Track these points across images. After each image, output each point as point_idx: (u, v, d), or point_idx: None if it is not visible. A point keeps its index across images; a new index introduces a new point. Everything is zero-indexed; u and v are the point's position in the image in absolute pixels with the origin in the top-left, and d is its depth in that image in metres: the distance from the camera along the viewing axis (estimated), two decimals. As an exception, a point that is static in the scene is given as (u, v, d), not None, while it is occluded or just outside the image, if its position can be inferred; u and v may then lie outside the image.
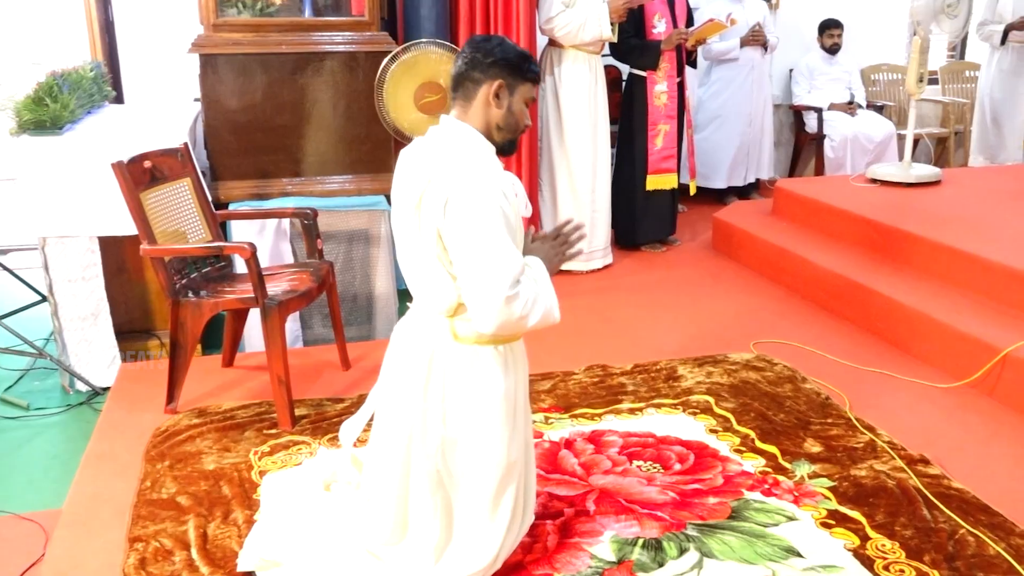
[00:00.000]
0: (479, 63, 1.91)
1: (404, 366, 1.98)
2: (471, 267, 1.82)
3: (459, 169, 1.82)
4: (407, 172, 1.93)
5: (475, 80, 1.92)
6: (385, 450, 1.98)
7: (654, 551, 2.19)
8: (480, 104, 1.92)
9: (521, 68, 1.93)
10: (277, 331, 2.87)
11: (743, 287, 4.43)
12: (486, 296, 1.82)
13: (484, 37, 1.95)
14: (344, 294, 3.81)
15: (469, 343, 1.94)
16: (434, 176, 1.84)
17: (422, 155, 1.91)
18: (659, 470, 2.61)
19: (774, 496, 2.46)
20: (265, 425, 2.91)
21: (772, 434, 2.82)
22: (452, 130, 1.92)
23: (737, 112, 5.83)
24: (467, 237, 1.80)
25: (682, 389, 3.17)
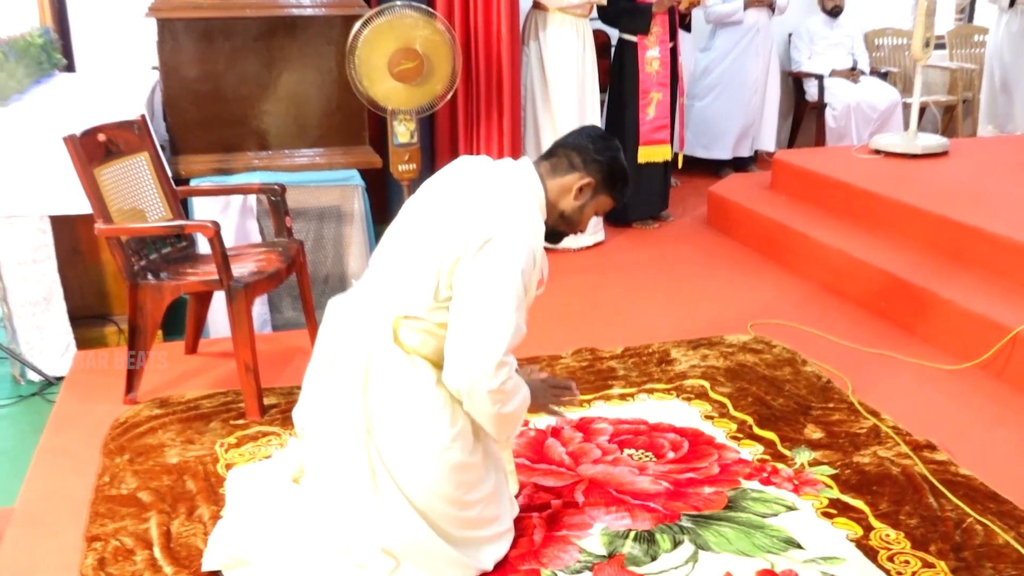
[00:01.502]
0: (587, 153, 2.04)
1: (340, 361, 2.00)
2: (477, 316, 1.86)
3: (515, 220, 1.91)
4: (466, 178, 2.00)
5: (573, 163, 2.04)
6: (329, 451, 1.99)
7: (646, 544, 2.20)
8: (563, 185, 2.04)
9: (616, 184, 2.07)
10: (244, 315, 2.85)
11: (739, 265, 4.44)
12: (477, 351, 1.86)
13: (605, 135, 2.07)
14: (315, 275, 3.79)
15: (406, 351, 1.98)
16: (491, 209, 1.91)
17: (491, 176, 1.98)
18: (651, 459, 2.61)
19: (773, 485, 2.47)
20: (232, 415, 2.90)
21: (771, 420, 2.83)
22: (528, 182, 2.01)
23: (741, 79, 5.81)
24: (488, 286, 1.86)
25: (676, 373, 3.18)
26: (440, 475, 1.95)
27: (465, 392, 1.91)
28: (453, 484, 1.97)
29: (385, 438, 1.96)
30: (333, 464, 1.98)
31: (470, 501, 2.03)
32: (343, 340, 2.03)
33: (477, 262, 1.87)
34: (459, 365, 1.89)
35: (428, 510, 1.98)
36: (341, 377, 1.99)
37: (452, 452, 1.95)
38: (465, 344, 1.89)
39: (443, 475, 1.95)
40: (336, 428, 1.98)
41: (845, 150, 5.15)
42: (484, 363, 1.87)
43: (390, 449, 1.95)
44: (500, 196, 1.95)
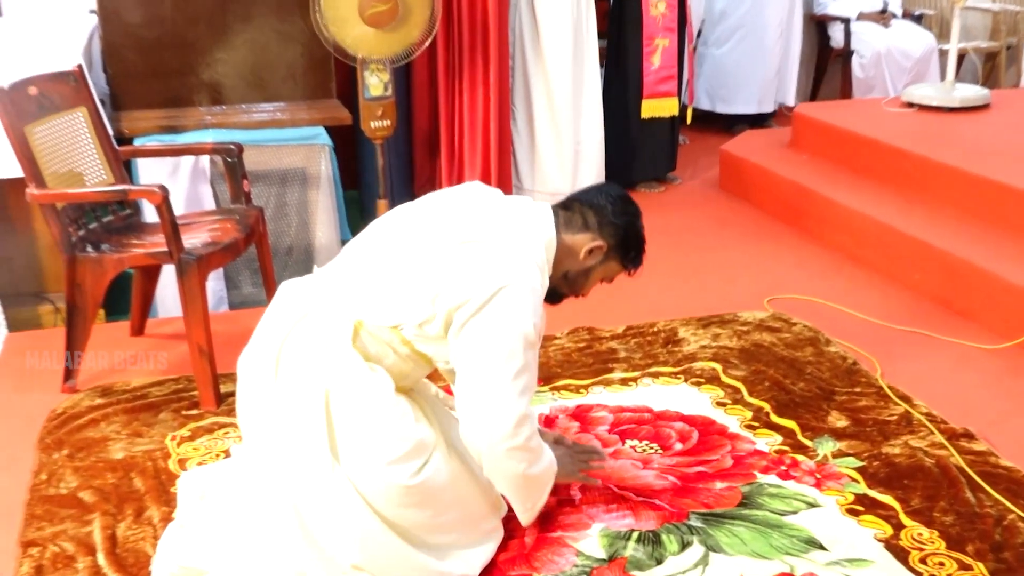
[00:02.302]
0: (604, 214, 2.12)
1: (292, 357, 2.01)
2: (494, 368, 1.91)
3: (530, 268, 1.97)
4: (478, 209, 2.04)
5: (587, 222, 2.11)
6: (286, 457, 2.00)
7: (651, 546, 2.21)
8: (573, 243, 2.11)
9: (629, 252, 2.16)
10: (196, 292, 2.84)
11: (755, 233, 4.44)
12: (497, 406, 1.92)
13: (626, 197, 2.16)
14: (277, 246, 3.78)
15: (364, 357, 1.99)
16: (506, 252, 1.95)
17: (506, 214, 2.03)
18: (657, 451, 2.62)
19: (792, 479, 2.48)
20: (184, 405, 2.89)
21: (790, 406, 2.84)
22: (544, 231, 2.06)
23: (763, 23, 5.77)
24: (503, 337, 1.91)
25: (684, 355, 3.18)
26: (399, 488, 1.97)
27: (486, 454, 1.97)
28: (418, 495, 1.99)
29: (346, 446, 1.96)
30: (290, 471, 1.98)
31: (443, 507, 2.04)
32: (295, 333, 2.03)
33: (491, 311, 1.92)
34: (477, 423, 1.94)
35: (397, 518, 2.00)
36: (294, 377, 1.99)
37: (411, 465, 1.97)
38: (482, 400, 1.93)
39: (401, 488, 1.97)
40: (291, 434, 1.98)
41: (874, 103, 5.15)
42: (505, 419, 1.92)
43: (352, 459, 1.96)
44: (515, 239, 1.99)
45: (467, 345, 1.95)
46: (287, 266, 3.83)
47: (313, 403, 1.96)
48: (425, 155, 4.74)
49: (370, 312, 2.01)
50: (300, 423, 1.97)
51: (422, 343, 2.02)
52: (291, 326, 2.04)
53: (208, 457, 2.62)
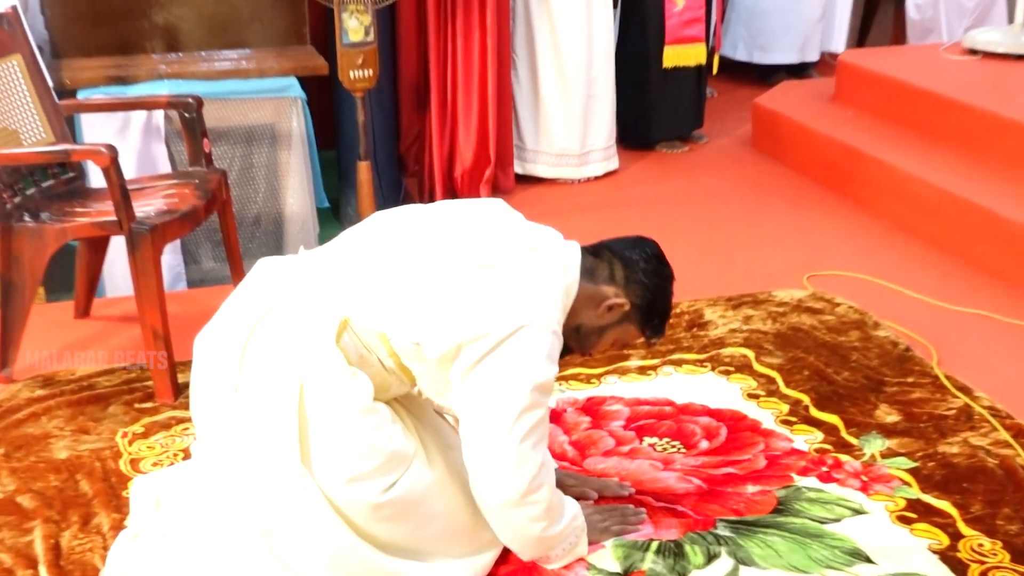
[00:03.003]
0: (634, 271, 2.14)
1: (264, 349, 2.01)
2: (507, 414, 1.94)
3: (552, 310, 2.00)
4: (502, 234, 2.07)
5: (614, 275, 2.14)
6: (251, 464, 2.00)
7: (672, 558, 2.21)
8: (593, 295, 2.13)
9: (652, 319, 2.18)
10: (150, 267, 2.84)
11: (793, 200, 4.43)
12: (511, 460, 1.95)
13: (661, 258, 2.19)
14: (242, 215, 3.77)
15: (347, 361, 2.00)
16: (528, 289, 1.99)
17: (532, 246, 2.05)
18: (679, 449, 2.62)
19: (835, 482, 2.48)
20: (137, 397, 2.90)
21: (833, 399, 2.84)
22: (570, 273, 2.10)
23: None
24: (519, 380, 1.94)
25: (710, 340, 3.18)
26: (366, 504, 1.98)
27: (496, 513, 2.00)
28: (390, 510, 2.00)
29: (317, 452, 1.96)
30: (254, 476, 1.98)
31: (424, 519, 2.06)
32: (270, 318, 2.03)
33: (508, 351, 1.94)
34: (487, 480, 1.97)
35: (371, 532, 2.01)
36: (265, 367, 1.98)
37: (380, 482, 1.98)
38: (493, 454, 1.95)
39: (368, 505, 1.98)
40: (257, 432, 1.98)
41: (931, 49, 5.13)
42: (519, 476, 1.95)
43: (321, 468, 1.96)
44: (537, 274, 2.01)
45: (477, 388, 1.96)
46: (254, 238, 3.82)
47: (285, 400, 1.95)
48: (413, 110, 4.72)
49: (361, 312, 2.01)
50: (268, 421, 1.96)
51: (411, 359, 2.03)
52: (266, 310, 2.04)
53: (164, 457, 2.62)
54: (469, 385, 1.96)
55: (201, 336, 2.12)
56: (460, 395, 1.98)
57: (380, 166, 4.44)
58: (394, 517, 2.01)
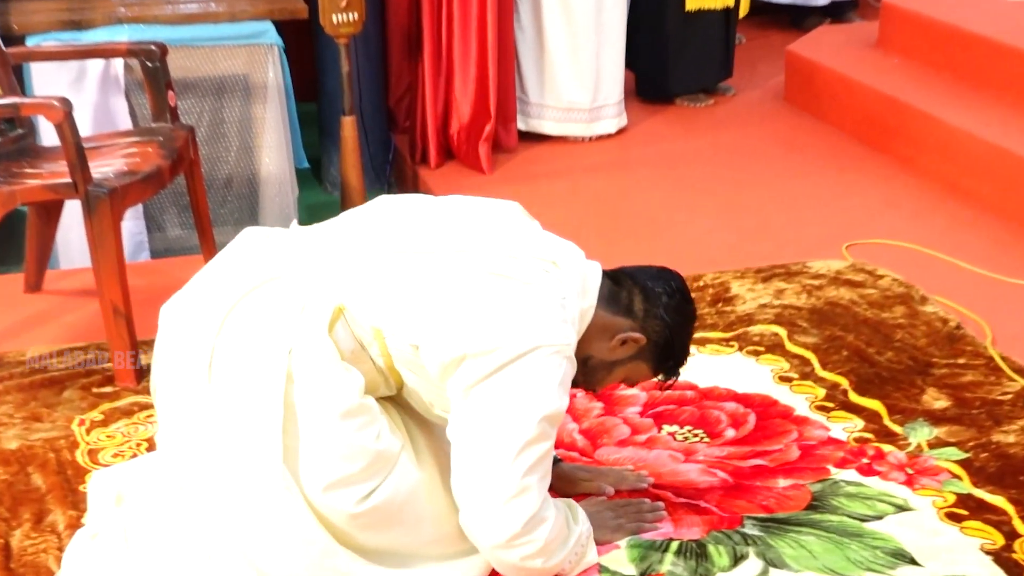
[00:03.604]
0: (655, 304, 2.15)
1: (246, 332, 2.00)
2: (507, 444, 1.94)
3: (569, 334, 2.01)
4: (521, 241, 2.08)
5: (632, 306, 2.15)
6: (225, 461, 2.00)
7: (695, 559, 2.21)
8: (607, 325, 2.14)
9: (668, 360, 2.20)
10: (109, 235, 2.83)
11: (831, 159, 4.42)
12: (504, 498, 1.95)
13: (686, 294, 2.20)
14: (212, 176, 3.77)
15: (339, 353, 2.00)
16: (545, 307, 1.99)
17: (553, 260, 2.07)
18: (702, 439, 2.63)
19: (877, 475, 2.48)
20: (95, 381, 2.90)
21: (875, 383, 2.84)
22: (587, 295, 2.11)
23: None
24: (526, 407, 1.95)
25: (738, 316, 3.18)
26: (344, 514, 1.98)
27: (489, 552, 2.01)
28: (368, 519, 2.01)
29: (304, 451, 1.96)
30: (228, 474, 1.98)
31: (410, 526, 2.07)
32: (255, 297, 2.02)
33: (517, 372, 1.94)
34: (480, 518, 1.97)
35: (362, 542, 2.02)
36: (246, 351, 1.98)
37: (357, 490, 1.99)
38: (490, 489, 1.95)
39: (345, 514, 1.98)
40: (234, 425, 1.97)
41: (988, -11, 5.10)
42: (516, 515, 1.95)
43: (305, 469, 1.97)
44: (554, 292, 2.01)
45: (479, 410, 1.96)
46: (225, 202, 3.82)
47: (270, 390, 1.94)
48: (403, 59, 4.71)
49: (358, 302, 2.01)
50: (248, 412, 1.96)
51: (404, 364, 2.03)
52: (252, 286, 2.03)
53: (126, 448, 2.62)
54: (470, 405, 1.96)
55: (170, 307, 2.11)
56: (458, 415, 1.98)
57: (366, 122, 4.43)
58: (374, 525, 2.02)
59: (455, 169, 4.53)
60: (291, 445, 1.96)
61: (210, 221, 3.34)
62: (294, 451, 1.96)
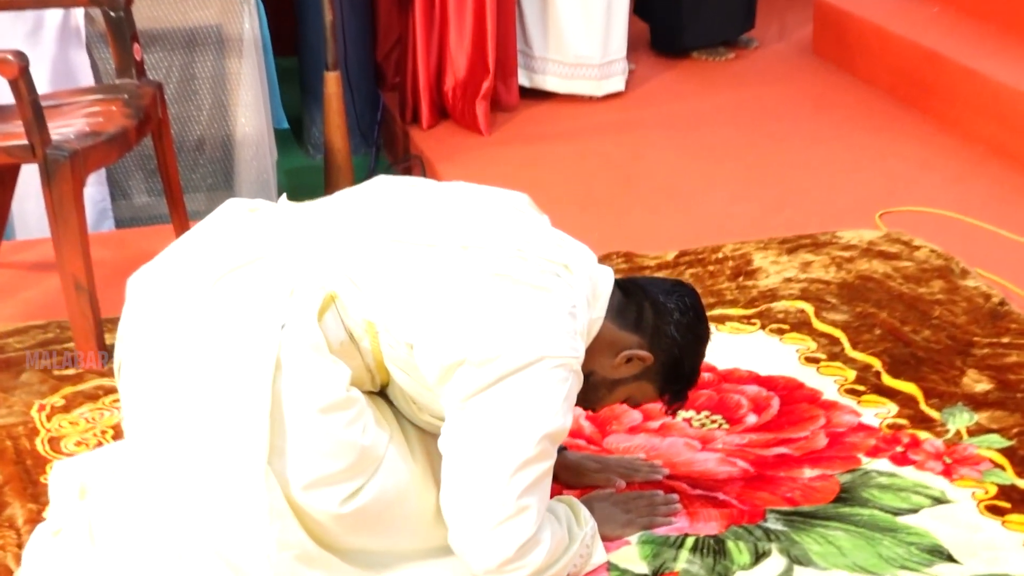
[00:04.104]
0: (666, 321, 2.15)
1: (227, 322, 2.00)
2: (503, 463, 1.94)
3: (580, 347, 2.01)
4: (532, 239, 2.07)
5: (642, 322, 2.15)
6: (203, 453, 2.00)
7: (712, 556, 2.22)
8: (615, 341, 2.14)
9: (675, 383, 2.20)
10: (70, 203, 2.83)
11: (864, 118, 4.41)
12: (506, 517, 1.95)
13: (701, 313, 2.20)
14: (183, 137, 3.77)
15: (327, 343, 1.99)
16: (553, 314, 1.98)
17: (565, 262, 2.06)
18: (721, 425, 2.63)
19: (912, 465, 2.48)
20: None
21: (910, 364, 2.84)
22: (597, 305, 2.11)
23: None
24: (527, 422, 1.95)
25: (760, 292, 3.19)
26: (327, 514, 1.99)
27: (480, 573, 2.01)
28: (352, 521, 2.02)
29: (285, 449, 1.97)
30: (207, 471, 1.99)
31: (398, 526, 2.08)
32: (238, 276, 2.02)
33: (521, 383, 1.94)
34: (471, 542, 1.97)
35: (344, 544, 2.03)
36: (231, 338, 1.97)
37: (341, 489, 1.99)
38: (483, 510, 1.95)
39: (328, 514, 1.99)
40: (212, 414, 1.97)
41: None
42: (509, 537, 1.95)
43: (288, 466, 1.97)
44: (570, 304, 2.00)
45: (474, 425, 1.95)
46: (197, 166, 3.81)
47: (255, 379, 1.94)
48: (392, 8, 4.69)
49: (352, 292, 2.01)
50: (229, 401, 1.96)
51: (395, 363, 2.03)
52: (237, 264, 2.03)
53: (90, 435, 2.62)
54: (466, 417, 1.96)
55: (138, 279, 2.11)
56: (452, 426, 1.98)
57: (352, 77, 4.42)
58: (360, 527, 2.03)
59: (450, 130, 4.52)
60: (273, 439, 1.96)
61: (180, 187, 3.33)
62: (275, 446, 1.96)
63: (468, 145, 4.32)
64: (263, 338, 1.95)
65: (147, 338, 2.05)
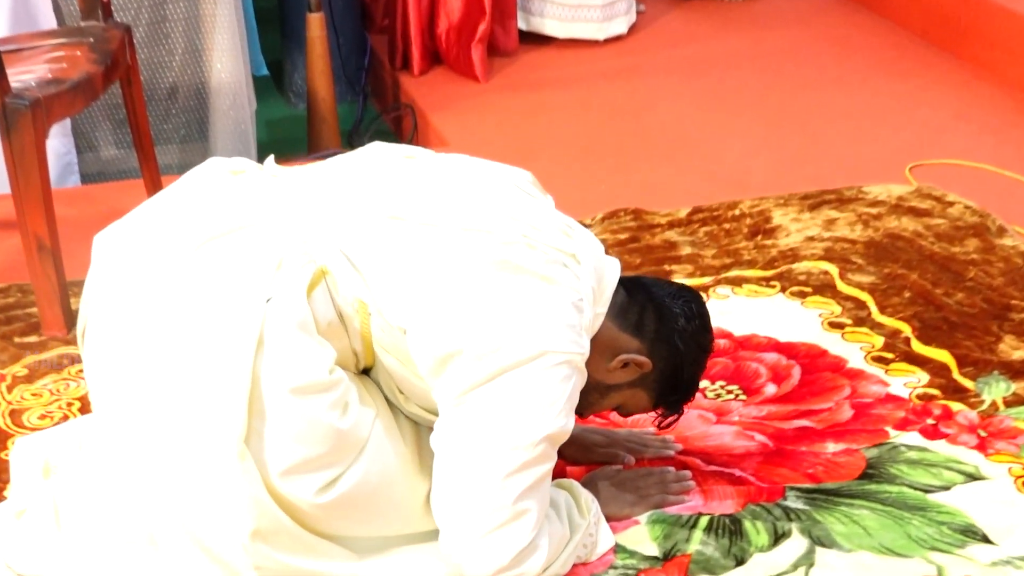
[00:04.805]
0: (670, 326, 2.15)
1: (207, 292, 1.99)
2: (505, 467, 1.94)
3: (585, 344, 2.02)
4: (529, 214, 2.08)
5: (643, 325, 2.15)
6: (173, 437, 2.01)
7: (728, 537, 2.22)
8: (612, 343, 2.13)
9: (671, 394, 2.21)
10: (31, 156, 2.83)
11: (893, 63, 4.41)
12: (501, 523, 1.96)
13: (706, 320, 2.21)
14: (154, 85, 3.76)
15: (314, 319, 2.00)
16: (557, 307, 1.99)
17: (571, 250, 2.06)
18: (738, 396, 2.64)
19: (944, 438, 2.48)
20: (16, 329, 2.91)
21: (942, 329, 2.84)
22: (600, 300, 2.10)
23: None
24: (530, 425, 1.95)
25: (780, 252, 3.19)
26: (305, 503, 2.00)
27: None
28: (330, 510, 2.02)
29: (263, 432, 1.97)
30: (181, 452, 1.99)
31: (388, 507, 2.09)
32: (219, 245, 2.01)
33: (521, 379, 1.94)
34: (461, 546, 1.98)
35: (325, 531, 2.04)
36: (211, 310, 1.97)
37: (317, 477, 2.00)
38: (476, 509, 1.95)
39: (306, 503, 2.00)
40: (192, 398, 1.98)
41: None
42: (504, 546, 1.96)
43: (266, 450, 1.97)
44: (577, 298, 2.01)
45: (469, 422, 1.96)
46: (170, 116, 3.81)
47: (236, 355, 1.94)
48: (380, -57, 4.69)
49: (344, 268, 2.00)
50: (207, 378, 1.96)
51: (386, 348, 2.02)
52: (220, 231, 2.02)
53: (55, 408, 2.63)
54: (461, 414, 1.96)
55: (107, 238, 2.10)
56: (446, 423, 1.98)
57: (337, 19, 4.41)
58: (342, 515, 2.04)
59: (443, 76, 4.52)
60: (251, 420, 1.97)
61: (151, 139, 3.33)
62: (254, 428, 1.96)
63: (463, 93, 4.32)
64: (246, 312, 1.94)
65: (116, 304, 2.04)
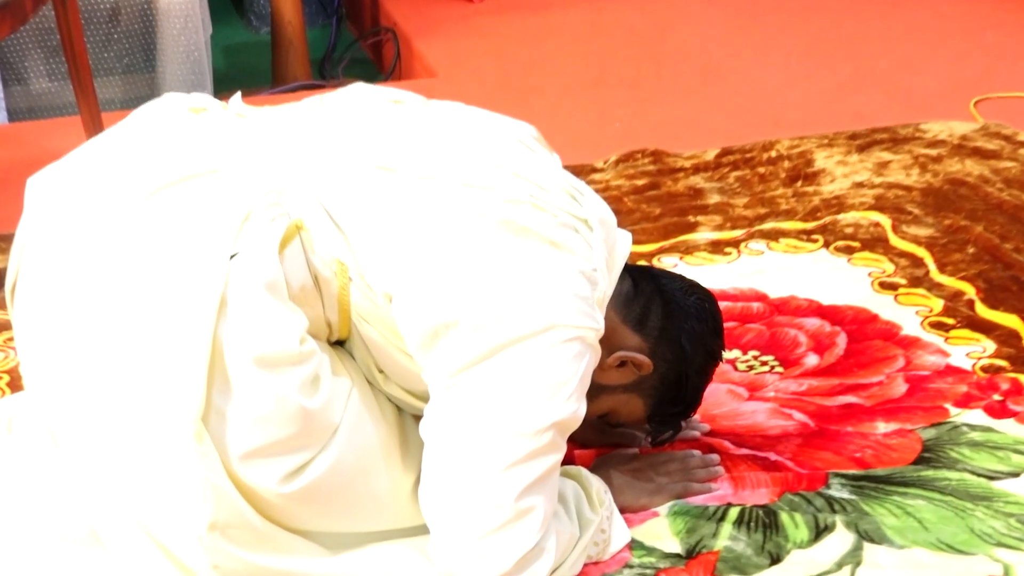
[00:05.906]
0: (677, 325, 2.16)
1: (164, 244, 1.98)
2: (508, 459, 1.93)
3: (599, 320, 2.01)
4: (536, 172, 2.07)
5: (648, 320, 2.17)
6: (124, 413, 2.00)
7: (762, 531, 2.22)
8: (611, 337, 2.10)
9: (671, 402, 2.22)
10: (-50, 89, 2.83)
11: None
12: (503, 524, 1.94)
13: (719, 328, 2.23)
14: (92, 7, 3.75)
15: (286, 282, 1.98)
16: (566, 280, 1.97)
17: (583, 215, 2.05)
18: (774, 368, 2.64)
19: (1012, 417, 2.48)
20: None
21: (1012, 291, 2.84)
22: (609, 281, 2.09)
23: None
24: (537, 409, 1.93)
25: (823, 200, 3.19)
26: (270, 492, 1.99)
27: None
28: (298, 501, 2.02)
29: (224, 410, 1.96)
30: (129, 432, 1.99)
31: (366, 496, 2.09)
32: (181, 191, 2.00)
33: (526, 355, 1.92)
34: (455, 550, 1.96)
35: (294, 524, 2.05)
36: (165, 266, 1.96)
37: (284, 462, 1.99)
38: (473, 507, 1.94)
39: (272, 492, 1.99)
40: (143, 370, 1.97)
41: None
42: (506, 551, 1.94)
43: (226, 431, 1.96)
44: (587, 265, 2.00)
45: (465, 405, 1.94)
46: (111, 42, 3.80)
47: (193, 322, 1.94)
48: None
49: (321, 222, 2.00)
50: (159, 347, 1.96)
51: (365, 318, 2.02)
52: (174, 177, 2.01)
53: (-15, 382, 2.66)
54: (456, 396, 1.95)
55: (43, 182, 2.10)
56: (438, 407, 1.98)
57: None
58: (310, 508, 2.04)
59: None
60: (211, 395, 1.95)
61: (90, 70, 3.33)
62: (214, 404, 1.95)
63: (453, 15, 4.32)
64: (207, 269, 1.92)
65: (53, 260, 2.03)
